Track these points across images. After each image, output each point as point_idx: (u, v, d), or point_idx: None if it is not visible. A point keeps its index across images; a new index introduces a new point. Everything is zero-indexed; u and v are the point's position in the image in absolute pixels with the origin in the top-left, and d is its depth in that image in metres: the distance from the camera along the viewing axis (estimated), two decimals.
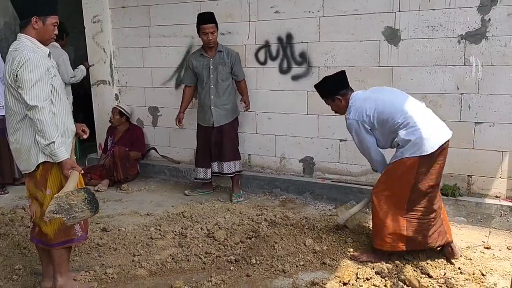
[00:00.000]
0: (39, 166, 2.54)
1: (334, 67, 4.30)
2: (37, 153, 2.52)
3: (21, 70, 2.38)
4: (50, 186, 2.57)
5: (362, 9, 4.08)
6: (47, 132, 2.40)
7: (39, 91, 2.41)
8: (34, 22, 2.49)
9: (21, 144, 2.54)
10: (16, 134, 2.55)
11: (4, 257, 3.23)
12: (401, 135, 2.93)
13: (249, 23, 4.65)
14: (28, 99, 2.39)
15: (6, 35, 6.51)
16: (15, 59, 2.41)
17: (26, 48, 2.44)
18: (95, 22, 5.47)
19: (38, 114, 2.38)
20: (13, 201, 4.58)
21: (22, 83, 2.39)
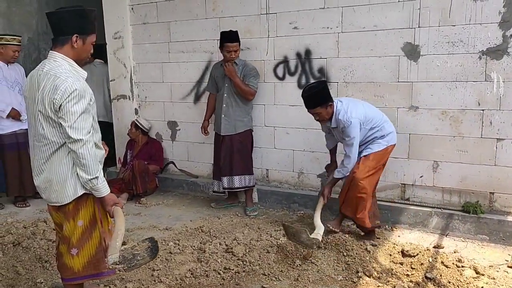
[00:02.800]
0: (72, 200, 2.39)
1: (353, 82, 4.31)
2: (75, 186, 2.36)
3: (66, 101, 2.20)
4: (82, 217, 2.43)
5: (381, 25, 4.09)
6: (90, 167, 2.26)
7: (84, 123, 2.25)
8: (74, 41, 2.29)
9: (54, 174, 2.36)
10: (49, 164, 2.36)
11: (26, 271, 3.27)
12: (386, 127, 3.68)
13: (268, 39, 4.69)
14: (72, 132, 2.22)
15: (30, 51, 6.70)
16: (59, 87, 2.20)
17: (68, 74, 2.25)
18: (116, 38, 5.59)
19: (82, 148, 2.23)
20: (34, 214, 4.66)
21: (67, 115, 2.21)
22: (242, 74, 4.47)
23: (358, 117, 3.54)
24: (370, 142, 3.69)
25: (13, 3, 6.47)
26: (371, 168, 3.65)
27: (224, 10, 4.88)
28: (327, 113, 3.60)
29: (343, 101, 3.67)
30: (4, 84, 4.78)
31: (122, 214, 2.43)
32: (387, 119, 3.75)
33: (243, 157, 4.62)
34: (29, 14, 6.71)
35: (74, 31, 2.28)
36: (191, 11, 5.08)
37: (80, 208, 2.41)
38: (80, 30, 2.29)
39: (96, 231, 2.46)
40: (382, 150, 3.67)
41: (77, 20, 2.29)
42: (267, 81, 4.77)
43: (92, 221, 2.43)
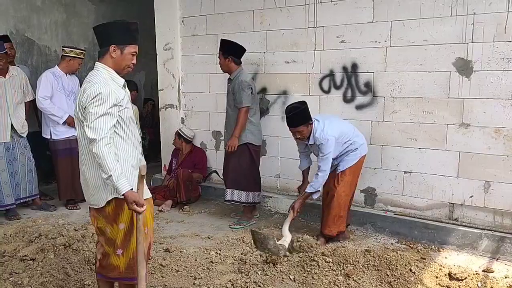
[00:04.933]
0: (111, 201, 2.46)
1: (401, 97, 4.23)
2: (106, 190, 2.43)
3: (89, 103, 2.31)
4: (123, 220, 2.49)
5: (432, 39, 4.00)
6: (104, 165, 2.29)
7: (102, 125, 2.31)
8: (112, 51, 2.42)
9: (87, 177, 2.48)
10: (83, 166, 2.50)
11: (75, 272, 3.41)
12: (358, 140, 3.96)
13: (314, 52, 4.69)
14: (89, 132, 2.31)
15: (85, 61, 6.99)
16: (86, 91, 2.35)
17: (100, 80, 2.37)
18: (167, 50, 5.77)
19: (96, 147, 2.29)
20: (84, 217, 4.85)
21: (88, 115, 2.32)
22: (231, 93, 4.53)
23: (333, 134, 3.80)
24: (345, 155, 3.95)
25: (72, 15, 6.84)
26: (350, 183, 3.98)
27: (271, 23, 4.93)
28: (308, 131, 3.85)
29: (320, 119, 3.91)
30: (62, 92, 5.05)
31: (141, 218, 2.41)
32: (358, 133, 4.02)
33: (236, 171, 4.60)
34: (86, 26, 7.07)
35: (112, 41, 2.42)
36: (239, 24, 5.17)
37: (120, 212, 2.48)
38: (117, 40, 2.42)
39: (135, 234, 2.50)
40: (356, 162, 3.96)
41: (115, 31, 2.44)
42: (312, 94, 4.76)
43: (132, 224, 2.49)
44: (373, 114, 4.40)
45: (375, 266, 3.53)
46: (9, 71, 4.71)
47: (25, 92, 4.95)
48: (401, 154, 4.28)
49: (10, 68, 4.73)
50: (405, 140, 4.25)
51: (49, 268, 3.39)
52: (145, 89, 8.34)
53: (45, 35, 6.48)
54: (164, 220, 4.85)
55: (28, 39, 6.27)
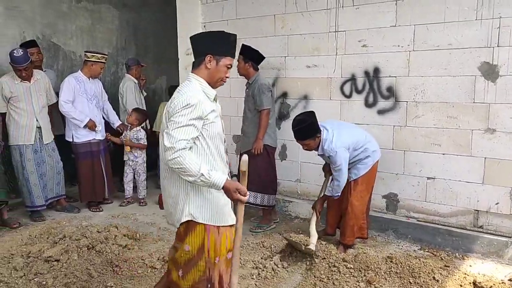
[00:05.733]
0: (184, 222, 2.36)
1: (424, 102, 4.17)
2: (182, 211, 2.33)
3: (175, 112, 2.21)
4: (189, 243, 2.37)
5: (457, 43, 3.93)
6: (189, 168, 2.16)
7: (182, 134, 2.19)
8: (207, 61, 2.31)
9: (168, 195, 2.41)
10: (166, 182, 2.40)
11: (98, 274, 3.47)
12: (370, 147, 3.86)
13: (335, 57, 4.67)
14: (166, 139, 2.20)
15: (109, 65, 7.17)
16: (174, 101, 2.25)
17: (189, 91, 2.26)
18: (188, 54, 5.82)
19: (172, 155, 2.16)
20: (106, 219, 4.94)
21: (170, 123, 2.21)
22: (251, 96, 4.55)
23: (343, 145, 3.72)
24: (356, 163, 3.88)
25: (97, 20, 6.98)
26: (363, 192, 3.92)
27: (292, 28, 4.93)
28: (315, 144, 3.80)
29: (329, 129, 3.82)
30: (84, 96, 5.16)
31: (243, 209, 2.32)
32: (370, 139, 3.94)
33: (253, 173, 4.58)
34: (110, 31, 7.21)
35: (207, 51, 2.30)
36: (260, 29, 5.19)
37: (188, 233, 2.35)
38: (214, 51, 2.30)
39: (202, 260, 2.36)
40: (369, 170, 3.88)
41: (213, 41, 2.32)
42: (333, 99, 4.74)
43: (200, 250, 2.35)
44: (396, 119, 4.35)
45: (398, 273, 3.47)
46: (33, 75, 4.83)
47: (48, 95, 5.07)
48: (424, 159, 4.22)
49: (34, 73, 4.85)
50: (428, 145, 4.19)
51: (73, 269, 3.45)
52: (166, 93, 8.43)
53: (70, 40, 6.63)
54: None
55: (54, 44, 6.43)
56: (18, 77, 4.71)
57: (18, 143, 4.76)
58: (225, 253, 2.42)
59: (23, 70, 4.64)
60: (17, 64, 4.59)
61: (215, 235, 2.36)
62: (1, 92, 4.70)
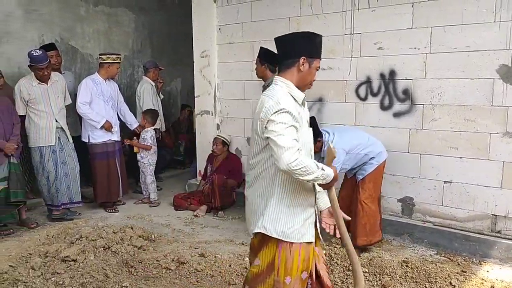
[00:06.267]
0: (258, 233, 2.24)
1: (441, 105, 4.12)
2: (259, 220, 2.21)
3: (272, 114, 2.07)
4: (260, 256, 2.25)
5: (475, 46, 3.88)
6: (311, 166, 2.03)
7: (290, 135, 2.05)
8: (301, 63, 2.17)
9: (249, 202, 2.32)
10: (249, 190, 2.32)
11: (114, 274, 3.50)
12: (374, 149, 3.96)
13: (351, 59, 4.65)
14: (278, 139, 2.03)
15: (125, 67, 7.27)
16: (265, 105, 2.12)
17: (279, 94, 2.14)
18: (203, 57, 5.87)
19: (294, 155, 2.00)
20: (122, 220, 4.99)
21: (272, 125, 2.06)
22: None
23: (342, 147, 3.81)
24: (363, 164, 3.98)
25: (113, 23, 7.08)
26: (372, 189, 3.98)
27: (307, 30, 4.92)
28: (316, 148, 3.81)
29: (330, 133, 3.98)
30: (101, 98, 5.23)
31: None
32: (374, 141, 4.03)
33: None
34: (127, 34, 7.30)
35: (302, 53, 2.17)
36: (275, 31, 5.13)
37: (262, 247, 2.24)
38: (308, 53, 2.18)
39: (271, 278, 2.21)
40: (375, 169, 3.97)
41: (305, 43, 2.21)
42: (348, 101, 4.72)
43: (270, 266, 2.21)
44: (412, 122, 4.31)
45: (413, 278, 3.44)
46: (51, 77, 4.90)
47: (65, 96, 5.13)
48: (441, 163, 4.17)
49: (52, 75, 4.92)
50: (445, 148, 4.14)
51: (89, 269, 3.49)
52: (181, 95, 8.50)
53: (88, 43, 6.73)
54: (199, 225, 4.90)
55: (72, 47, 6.53)
56: (37, 78, 4.76)
57: (39, 145, 4.80)
58: (297, 273, 2.21)
59: (45, 69, 4.70)
60: (38, 63, 4.65)
61: (287, 252, 2.18)
62: (20, 95, 4.78)
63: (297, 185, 2.18)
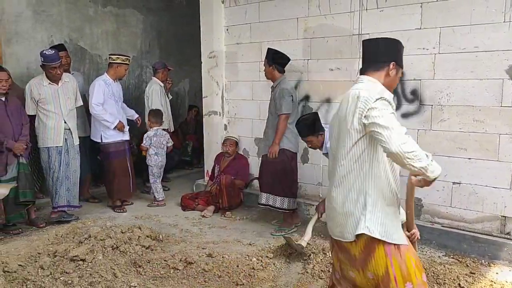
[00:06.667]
0: (361, 237, 2.07)
1: (449, 105, 4.10)
2: (357, 222, 2.07)
3: (373, 104, 2.00)
4: (372, 269, 2.08)
5: (484, 46, 3.86)
6: (420, 150, 1.92)
7: (394, 120, 1.98)
8: (391, 68, 2.18)
9: (339, 202, 2.15)
10: (337, 189, 2.17)
11: (122, 274, 3.52)
12: None
13: (359, 60, 4.63)
14: (383, 122, 1.95)
15: (133, 68, 7.30)
16: (360, 97, 2.04)
17: (373, 87, 2.12)
18: (211, 57, 5.88)
19: (403, 138, 1.91)
20: (130, 220, 5.01)
21: (374, 112, 1.98)
22: (273, 100, 4.64)
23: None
24: None
25: (122, 24, 7.11)
26: None
27: (315, 31, 4.92)
28: (318, 141, 4.04)
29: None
30: (112, 99, 5.27)
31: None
32: None
33: (271, 177, 4.68)
34: (135, 35, 7.34)
35: (392, 59, 2.20)
36: (283, 32, 5.20)
37: (371, 256, 2.06)
38: (397, 59, 2.23)
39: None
40: None
41: (395, 50, 2.26)
42: None
43: (385, 277, 2.05)
44: (420, 123, 4.29)
45: None
46: (62, 78, 4.92)
47: (76, 98, 5.17)
48: (449, 164, 4.14)
49: (63, 75, 4.94)
50: (454, 149, 4.11)
51: (98, 269, 3.51)
52: (189, 96, 8.53)
53: (96, 44, 6.77)
54: (207, 226, 4.91)
55: (81, 48, 6.58)
56: (49, 78, 4.77)
57: (47, 145, 4.82)
58: (416, 277, 2.06)
59: (57, 68, 4.73)
60: (50, 62, 4.67)
61: (397, 257, 2.04)
62: (30, 95, 4.81)
63: (388, 183, 2.12)
